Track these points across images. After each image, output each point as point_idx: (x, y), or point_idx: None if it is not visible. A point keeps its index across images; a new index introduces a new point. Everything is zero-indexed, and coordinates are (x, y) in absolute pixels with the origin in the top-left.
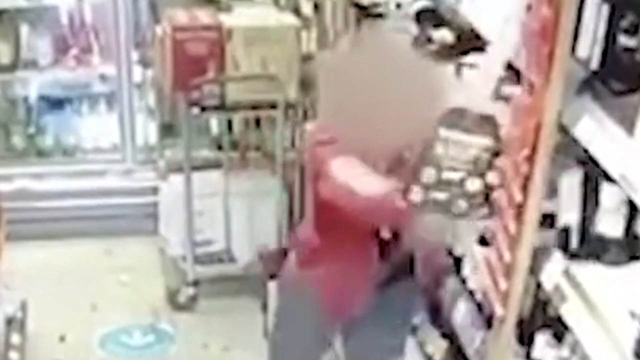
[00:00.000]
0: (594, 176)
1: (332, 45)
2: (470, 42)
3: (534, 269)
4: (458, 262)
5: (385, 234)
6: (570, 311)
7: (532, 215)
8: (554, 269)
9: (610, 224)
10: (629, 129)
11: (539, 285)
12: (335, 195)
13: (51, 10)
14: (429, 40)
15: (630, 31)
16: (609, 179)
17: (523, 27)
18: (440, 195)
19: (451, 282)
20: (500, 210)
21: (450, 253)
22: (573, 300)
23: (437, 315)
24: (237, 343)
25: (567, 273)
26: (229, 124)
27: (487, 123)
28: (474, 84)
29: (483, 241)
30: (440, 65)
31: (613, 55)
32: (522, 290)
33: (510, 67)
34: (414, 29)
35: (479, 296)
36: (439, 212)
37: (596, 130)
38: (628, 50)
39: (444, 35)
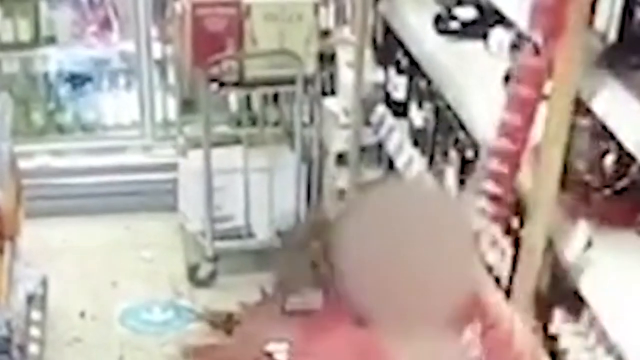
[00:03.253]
0: None
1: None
2: (492, 17)
3: (552, 243)
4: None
5: None
6: (589, 286)
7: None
8: (575, 242)
9: None
10: None
11: (555, 261)
12: None
13: None
14: (452, 17)
15: None
16: None
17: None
18: None
19: None
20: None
21: None
22: (592, 274)
23: None
24: None
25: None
26: (248, 99)
27: None
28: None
29: None
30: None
31: (630, 29)
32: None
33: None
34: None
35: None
36: None
37: (613, 104)
38: None
39: (467, 11)
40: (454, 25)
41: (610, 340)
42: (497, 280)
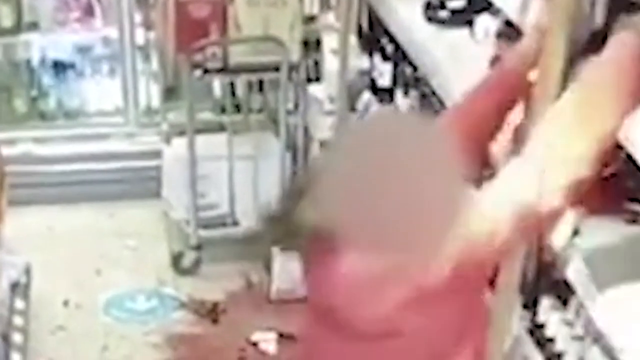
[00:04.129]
0: None
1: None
2: (480, 4)
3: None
4: None
5: None
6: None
7: None
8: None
9: None
10: None
11: (541, 249)
12: None
13: None
14: (442, 5)
15: None
16: None
17: None
18: None
19: None
20: None
21: None
22: (578, 262)
23: None
24: None
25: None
26: (232, 86)
27: None
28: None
29: None
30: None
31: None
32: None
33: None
34: None
35: None
36: None
37: None
38: None
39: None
40: (443, 14)
41: (597, 328)
42: None
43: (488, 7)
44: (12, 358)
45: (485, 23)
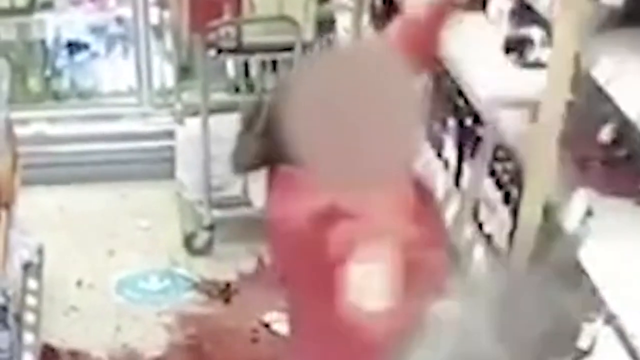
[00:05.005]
0: None
1: None
2: None
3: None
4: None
5: None
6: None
7: None
8: (574, 212)
9: None
10: None
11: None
12: None
13: None
14: None
15: None
16: None
17: None
18: None
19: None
20: None
21: None
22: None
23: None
24: None
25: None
26: (246, 66)
27: None
28: None
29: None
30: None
31: None
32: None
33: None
34: None
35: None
36: None
37: (615, 70)
38: None
39: None
40: None
41: (610, 310)
42: (496, 250)
43: None
44: (25, 338)
45: (499, 3)
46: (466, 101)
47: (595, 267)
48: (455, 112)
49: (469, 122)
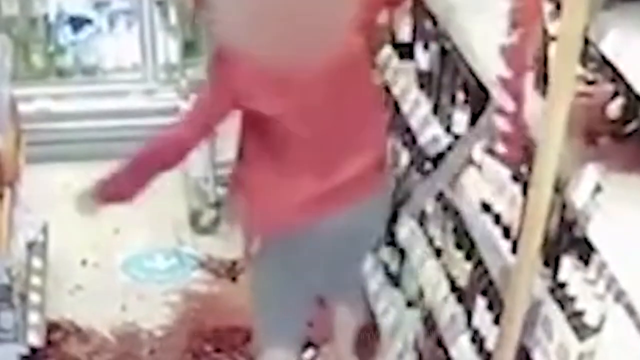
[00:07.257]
0: None
1: None
2: None
3: (561, 187)
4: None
5: None
6: (598, 231)
7: None
8: (583, 187)
9: None
10: None
11: (564, 205)
12: None
13: None
14: None
15: None
16: None
17: None
18: None
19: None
20: None
21: None
22: (601, 220)
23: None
24: None
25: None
26: None
27: None
28: None
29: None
30: None
31: None
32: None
33: None
34: None
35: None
36: None
37: (624, 44)
38: None
39: None
40: None
41: (620, 286)
42: (506, 229)
43: None
44: (30, 317)
45: None
46: (474, 74)
47: (604, 243)
48: (464, 86)
49: (477, 95)
